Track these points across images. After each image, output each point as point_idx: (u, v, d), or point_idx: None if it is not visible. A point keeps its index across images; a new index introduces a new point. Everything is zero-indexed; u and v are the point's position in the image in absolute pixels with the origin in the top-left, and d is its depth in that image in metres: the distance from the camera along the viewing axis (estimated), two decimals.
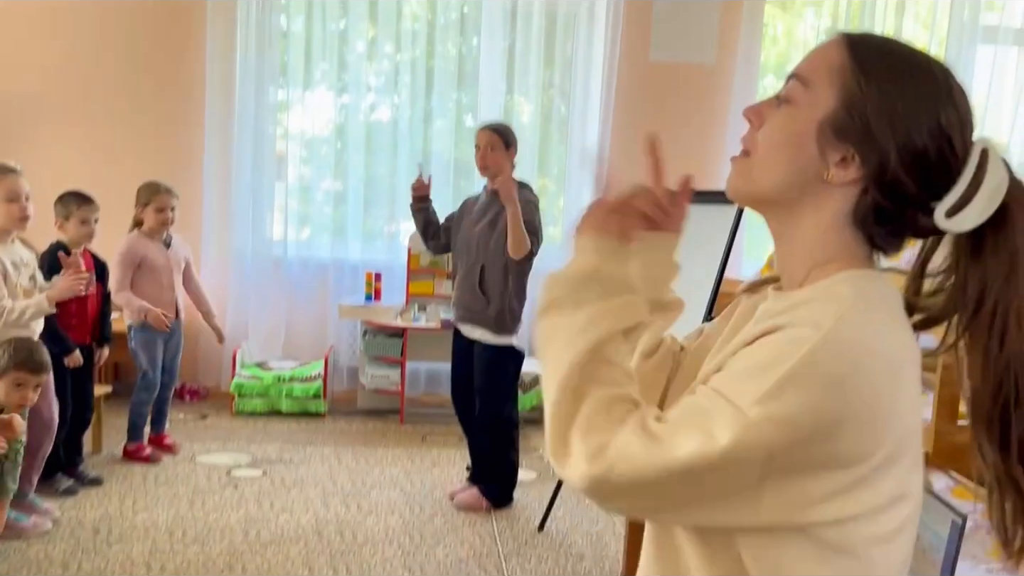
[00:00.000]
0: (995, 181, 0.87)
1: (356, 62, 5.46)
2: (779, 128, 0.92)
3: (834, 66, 0.89)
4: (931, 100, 0.87)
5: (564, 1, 5.52)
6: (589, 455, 0.82)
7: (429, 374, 5.52)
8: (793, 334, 0.82)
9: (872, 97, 0.87)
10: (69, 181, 4.02)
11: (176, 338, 4.37)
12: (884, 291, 0.89)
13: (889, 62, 0.88)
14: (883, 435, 0.82)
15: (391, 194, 5.56)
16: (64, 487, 3.75)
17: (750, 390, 0.80)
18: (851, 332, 0.81)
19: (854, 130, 0.88)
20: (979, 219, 0.86)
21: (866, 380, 0.80)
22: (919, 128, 0.86)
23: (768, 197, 0.94)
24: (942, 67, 0.90)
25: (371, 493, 3.98)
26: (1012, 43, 5.71)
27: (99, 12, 5.20)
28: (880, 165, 0.87)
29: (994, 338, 0.86)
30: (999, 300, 0.86)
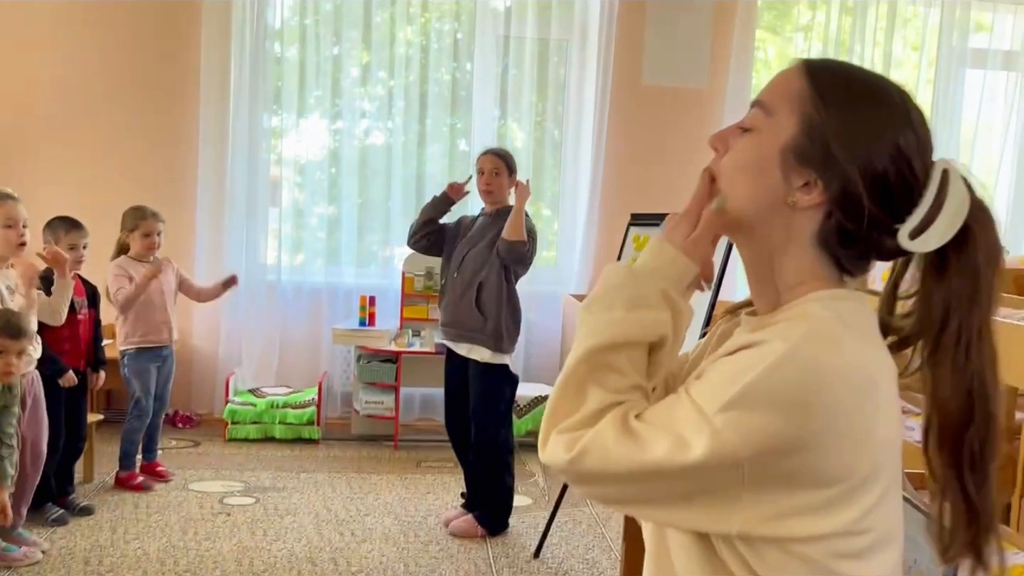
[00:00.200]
0: (957, 201, 0.88)
1: (350, 88, 5.48)
2: (742, 155, 0.94)
3: (794, 93, 0.92)
4: (889, 124, 0.89)
5: (557, 26, 5.56)
6: (568, 441, 0.87)
7: (424, 399, 5.49)
8: (763, 348, 0.84)
9: (831, 122, 0.89)
10: (61, 206, 4.02)
11: (168, 365, 4.35)
12: (856, 309, 0.90)
13: (847, 88, 0.91)
14: (859, 454, 0.83)
15: (385, 218, 5.56)
16: (54, 516, 3.71)
17: (716, 398, 0.82)
18: (818, 348, 0.83)
19: (815, 155, 0.90)
20: (942, 239, 0.88)
21: (834, 397, 0.81)
22: (879, 151, 0.88)
23: (735, 222, 0.95)
24: (900, 91, 0.92)
25: (365, 520, 3.95)
26: (1001, 67, 5.76)
27: (93, 38, 5.22)
28: (842, 189, 0.89)
29: (960, 354, 0.88)
30: (963, 318, 0.88)
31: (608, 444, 0.84)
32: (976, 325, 0.89)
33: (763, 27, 5.78)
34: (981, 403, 0.88)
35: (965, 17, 5.61)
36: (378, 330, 5.20)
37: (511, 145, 5.41)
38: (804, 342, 0.83)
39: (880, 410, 0.85)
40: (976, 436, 0.88)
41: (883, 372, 0.87)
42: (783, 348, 0.82)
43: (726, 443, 0.80)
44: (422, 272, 5.30)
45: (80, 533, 3.65)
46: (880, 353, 0.89)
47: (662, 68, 5.49)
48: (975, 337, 0.88)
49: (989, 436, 0.89)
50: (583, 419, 0.88)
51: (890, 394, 0.87)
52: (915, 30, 5.81)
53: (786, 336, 0.83)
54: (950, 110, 5.63)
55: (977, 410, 0.88)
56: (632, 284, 0.91)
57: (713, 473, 0.82)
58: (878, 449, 0.85)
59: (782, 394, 0.81)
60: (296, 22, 5.46)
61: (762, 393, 0.81)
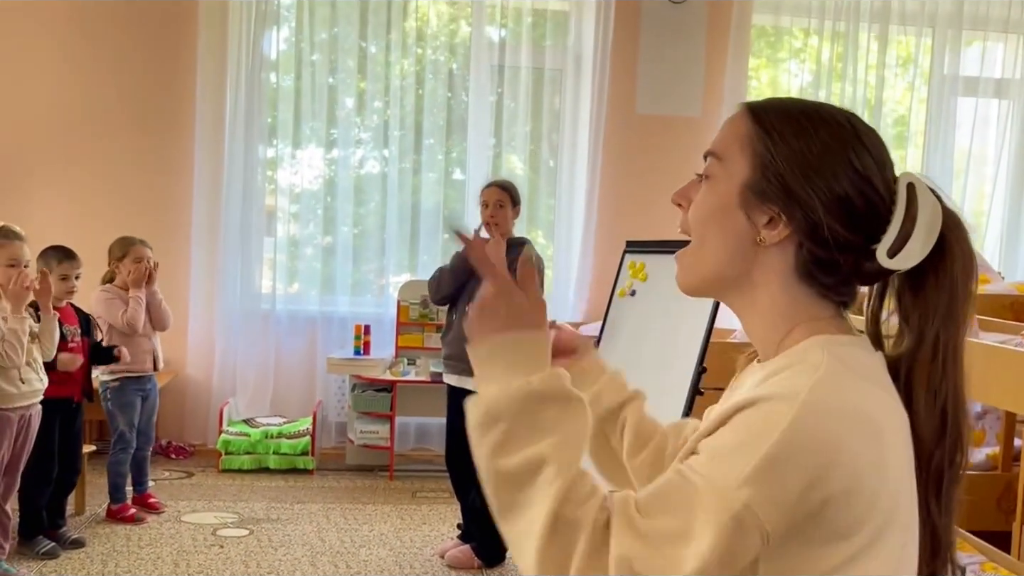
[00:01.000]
0: (928, 213, 0.87)
1: (345, 117, 5.50)
2: (704, 204, 0.94)
3: (742, 135, 0.92)
4: (841, 147, 0.89)
5: (551, 56, 5.60)
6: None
7: (419, 429, 5.46)
8: (769, 408, 0.80)
9: (782, 155, 0.89)
10: (56, 235, 4.01)
11: (152, 397, 4.29)
12: (857, 354, 0.87)
13: (792, 120, 0.91)
14: (875, 501, 0.79)
15: (380, 247, 5.56)
16: (44, 549, 3.66)
17: (735, 471, 0.77)
18: (828, 399, 0.80)
19: (772, 190, 0.90)
20: (922, 253, 0.87)
21: (850, 446, 0.78)
22: (835, 175, 0.88)
23: (715, 276, 0.95)
24: (845, 115, 0.92)
25: (360, 552, 3.90)
26: (992, 95, 5.81)
27: (88, 67, 5.24)
28: (805, 218, 0.88)
29: (936, 371, 0.86)
30: (940, 333, 0.87)
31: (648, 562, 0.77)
32: (952, 341, 0.87)
33: (756, 55, 5.83)
34: (954, 423, 0.86)
35: (956, 45, 5.66)
36: (373, 359, 5.17)
37: (506, 173, 5.42)
38: (813, 395, 0.79)
39: (890, 454, 0.81)
40: (944, 458, 0.86)
41: (888, 417, 0.83)
42: (795, 407, 0.78)
43: (755, 518, 0.76)
44: (417, 301, 5.29)
45: (71, 566, 3.60)
46: (886, 396, 0.85)
47: (656, 97, 5.53)
48: (951, 354, 0.87)
49: (956, 458, 0.87)
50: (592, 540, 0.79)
51: (898, 439, 0.84)
52: (907, 58, 5.87)
53: (794, 393, 0.80)
54: (942, 138, 5.67)
55: (949, 430, 0.86)
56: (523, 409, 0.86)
57: (741, 553, 0.77)
58: (893, 492, 0.81)
59: (806, 458, 0.77)
60: (292, 52, 5.48)
61: (786, 459, 0.77)
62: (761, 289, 0.92)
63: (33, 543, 3.67)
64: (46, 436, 3.63)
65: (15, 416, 3.36)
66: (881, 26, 5.60)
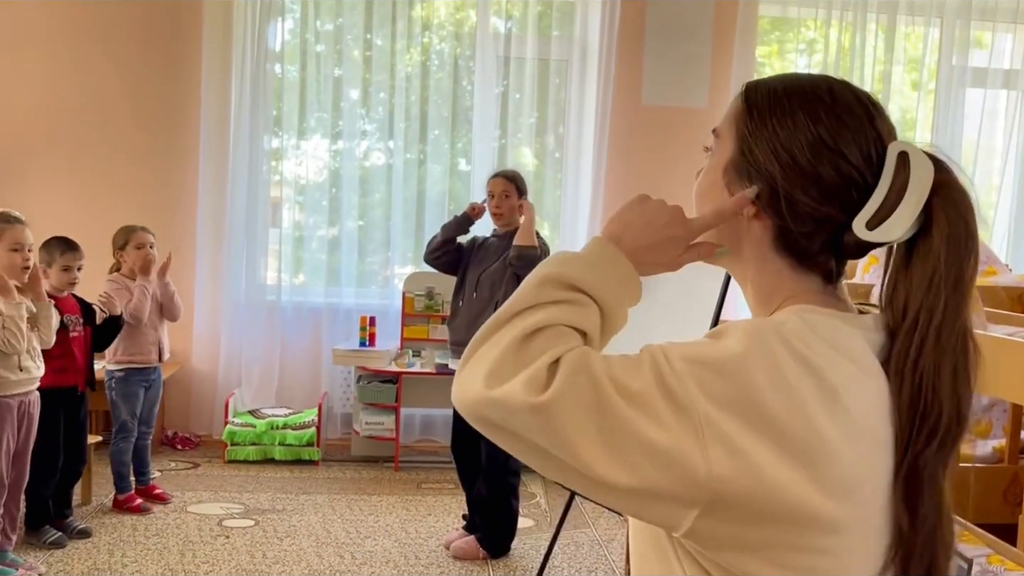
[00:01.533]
0: (920, 183, 0.84)
1: (351, 108, 5.49)
2: (700, 180, 0.99)
3: (732, 114, 0.95)
4: (813, 122, 0.88)
5: (557, 47, 5.58)
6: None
7: (424, 420, 5.46)
8: (727, 327, 0.84)
9: (756, 133, 0.91)
10: (60, 227, 4.01)
11: (156, 387, 4.31)
12: (834, 325, 0.85)
13: (772, 98, 0.92)
14: (807, 449, 0.77)
15: (386, 238, 5.56)
16: (51, 539, 3.68)
17: (679, 349, 0.82)
18: (786, 341, 0.81)
19: (746, 166, 0.91)
20: (906, 225, 0.84)
21: (785, 394, 0.78)
22: (801, 148, 0.87)
23: (711, 248, 0.97)
24: (830, 87, 0.91)
25: (365, 543, 3.91)
26: (1001, 86, 5.77)
27: (92, 59, 5.24)
28: (773, 193, 0.89)
29: (913, 348, 0.82)
30: (921, 307, 0.83)
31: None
32: (935, 318, 0.82)
33: (763, 45, 5.80)
34: (931, 409, 0.81)
35: (965, 36, 5.63)
36: (378, 350, 5.18)
37: (512, 165, 5.41)
38: (771, 333, 0.81)
39: (840, 424, 0.78)
40: (917, 448, 0.81)
41: (848, 384, 0.80)
42: (754, 331, 0.81)
43: (686, 388, 0.78)
44: (423, 292, 5.29)
45: (77, 556, 3.62)
46: (850, 366, 0.82)
47: (662, 88, 5.51)
48: (931, 331, 0.82)
49: (929, 448, 0.81)
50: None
51: (862, 413, 0.80)
52: (915, 49, 5.83)
53: (751, 331, 0.82)
54: (950, 129, 5.63)
55: (921, 415, 0.81)
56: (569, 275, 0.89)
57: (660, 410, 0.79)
58: (836, 468, 0.78)
59: (733, 388, 0.78)
60: (297, 43, 5.48)
61: (724, 370, 0.79)
62: (750, 262, 0.95)
63: (40, 533, 3.69)
64: (51, 426, 3.65)
65: (14, 403, 3.38)
66: (889, 16, 5.57)
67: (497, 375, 0.83)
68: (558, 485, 4.48)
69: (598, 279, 0.89)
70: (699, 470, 0.77)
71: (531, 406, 0.80)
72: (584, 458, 0.79)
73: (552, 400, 0.79)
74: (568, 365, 0.81)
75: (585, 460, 0.79)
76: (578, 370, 0.81)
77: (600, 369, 0.81)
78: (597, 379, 0.80)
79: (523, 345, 0.84)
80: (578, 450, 0.79)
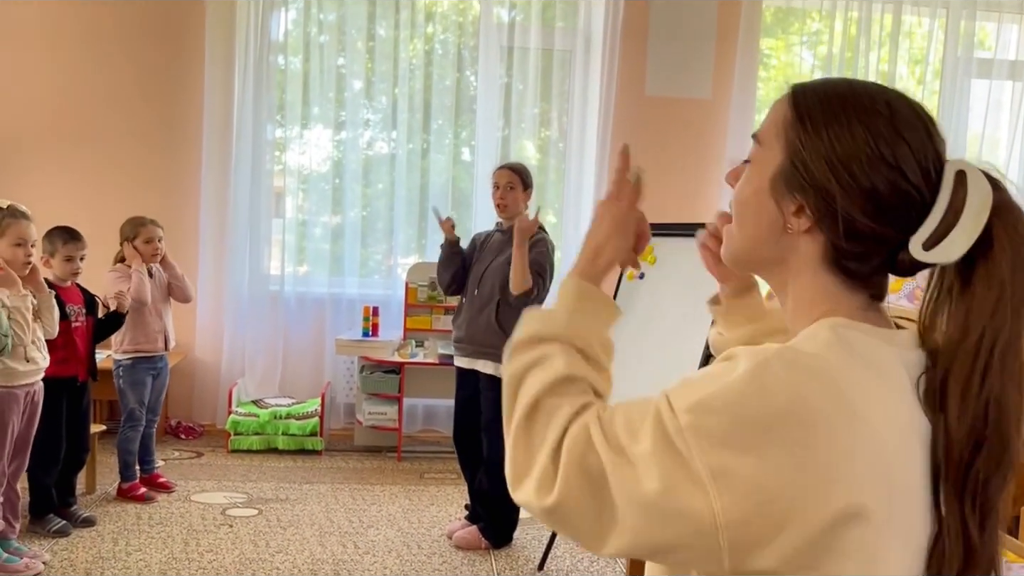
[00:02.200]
0: (977, 203, 0.82)
1: (354, 98, 5.48)
2: (741, 188, 0.95)
3: (780, 121, 0.91)
4: (873, 137, 0.85)
5: (560, 37, 5.56)
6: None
7: (427, 410, 5.47)
8: (739, 352, 0.82)
9: (810, 145, 0.87)
10: (63, 217, 4.02)
11: (163, 375, 4.33)
12: (870, 343, 0.84)
13: (826, 107, 0.88)
14: (822, 491, 0.76)
15: (389, 229, 5.56)
16: (55, 527, 3.70)
17: (685, 398, 0.80)
18: (788, 368, 0.78)
19: (799, 180, 0.88)
20: (964, 246, 0.82)
21: (797, 422, 0.76)
22: (862, 167, 0.84)
23: (747, 256, 0.96)
24: (888, 100, 0.87)
25: (368, 532, 3.93)
26: (1006, 77, 5.75)
27: (96, 49, 5.24)
28: (829, 209, 0.86)
29: (976, 374, 0.80)
30: (985, 333, 0.81)
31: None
32: (1000, 343, 0.80)
33: (768, 37, 5.78)
34: (995, 431, 0.79)
35: (970, 27, 5.60)
36: (381, 341, 5.19)
37: (515, 155, 5.41)
38: (773, 361, 0.78)
39: (854, 445, 0.76)
40: (983, 469, 0.80)
41: (875, 408, 0.78)
42: (761, 357, 0.79)
43: (687, 444, 0.78)
44: (425, 283, 5.29)
45: (82, 544, 3.64)
46: (882, 389, 0.80)
47: (666, 79, 5.49)
48: (996, 357, 0.80)
49: (999, 471, 0.80)
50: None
51: (879, 435, 0.78)
52: (920, 40, 5.81)
53: (756, 353, 0.80)
54: (956, 120, 5.62)
55: (989, 439, 0.79)
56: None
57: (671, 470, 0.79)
58: (854, 488, 0.76)
59: (739, 415, 0.77)
60: (300, 34, 5.47)
61: (720, 407, 0.78)
62: (792, 274, 0.92)
63: (44, 521, 3.70)
64: (53, 415, 3.66)
65: (21, 393, 3.40)
66: (895, 6, 5.55)
67: (517, 476, 0.88)
68: None
69: (551, 319, 0.94)
70: (705, 520, 0.77)
71: (544, 511, 0.84)
72: (605, 545, 0.82)
73: (559, 502, 0.83)
74: (568, 453, 0.83)
75: (607, 547, 0.82)
76: (580, 455, 0.82)
77: (599, 440, 0.82)
78: (598, 457, 0.82)
79: (526, 435, 0.88)
80: (598, 538, 0.82)
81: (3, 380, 3.33)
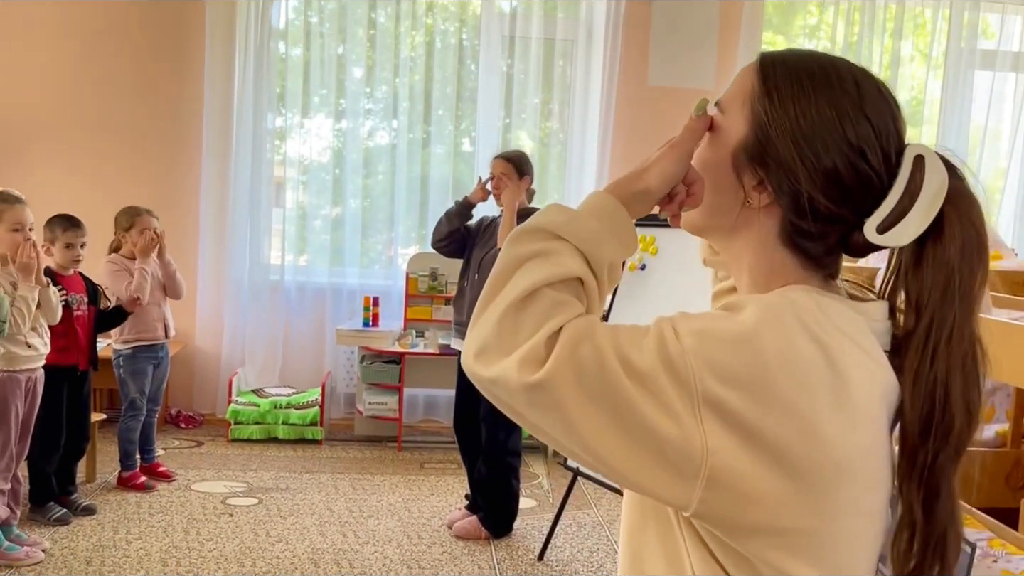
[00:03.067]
0: (933, 188, 0.83)
1: (354, 88, 5.46)
2: (702, 158, 0.92)
3: (746, 91, 0.90)
4: (838, 116, 0.84)
5: (562, 27, 5.54)
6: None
7: (427, 400, 5.48)
8: (741, 301, 0.83)
9: (776, 119, 0.86)
10: (63, 206, 4.01)
11: (164, 364, 4.33)
12: (839, 308, 0.84)
13: (795, 82, 0.87)
14: (808, 444, 0.77)
15: (389, 219, 5.55)
16: (56, 516, 3.70)
17: (687, 324, 0.80)
18: (796, 319, 0.80)
19: (762, 154, 0.87)
20: (916, 231, 0.83)
21: (795, 358, 0.77)
22: (825, 146, 0.84)
23: (703, 223, 0.94)
24: (856, 78, 0.87)
25: (368, 522, 3.93)
26: (1010, 68, 5.73)
27: (96, 37, 5.21)
28: (791, 187, 0.85)
29: (926, 356, 0.82)
30: (935, 316, 0.82)
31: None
32: (947, 326, 0.82)
33: (770, 28, 5.75)
34: (943, 414, 0.81)
35: (974, 18, 5.58)
36: (382, 331, 5.18)
37: (516, 146, 5.39)
38: (777, 309, 0.80)
39: (844, 410, 0.78)
40: (931, 450, 0.81)
41: (855, 367, 0.80)
42: (753, 311, 0.80)
43: (690, 366, 0.77)
44: (426, 273, 5.29)
45: (82, 533, 3.64)
46: (856, 350, 0.81)
47: (668, 69, 5.47)
48: (943, 339, 0.82)
49: (948, 454, 0.82)
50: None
51: (861, 394, 0.80)
52: (923, 31, 5.78)
53: (767, 305, 0.81)
54: (958, 112, 5.60)
55: (936, 422, 0.81)
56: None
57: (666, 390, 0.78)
58: (834, 453, 0.78)
59: (738, 355, 0.77)
60: (300, 22, 5.45)
61: (723, 342, 0.78)
62: (745, 244, 0.91)
63: (45, 510, 3.71)
64: (54, 403, 3.67)
65: (23, 378, 3.41)
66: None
67: (491, 351, 0.81)
68: (560, 466, 4.50)
69: (572, 220, 0.85)
70: (695, 445, 0.76)
71: (527, 385, 0.78)
72: (585, 437, 0.78)
73: (549, 376, 0.78)
74: (569, 336, 0.79)
75: (586, 439, 0.78)
76: (580, 340, 0.78)
77: (605, 340, 0.79)
78: (602, 351, 0.78)
79: (514, 316, 0.81)
80: (579, 429, 0.78)
81: (5, 364, 3.33)
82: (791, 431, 0.77)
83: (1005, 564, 2.15)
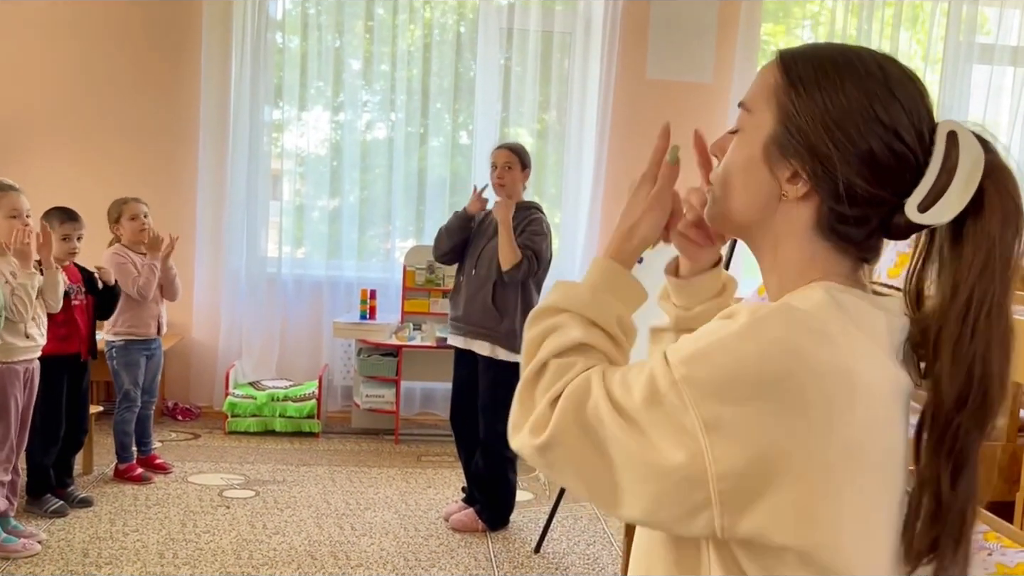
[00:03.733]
0: (969, 164, 0.83)
1: (352, 80, 5.45)
2: (731, 157, 0.93)
3: (770, 87, 0.90)
4: (867, 98, 0.85)
5: (560, 19, 5.52)
6: None
7: (424, 393, 5.48)
8: (739, 309, 0.83)
9: (804, 109, 0.86)
10: (60, 198, 4.00)
11: (157, 357, 4.32)
12: (860, 306, 0.85)
13: (818, 71, 0.87)
14: (811, 447, 0.77)
15: (387, 212, 5.54)
16: (53, 508, 3.70)
17: (680, 351, 0.82)
18: (788, 327, 0.79)
19: (794, 145, 0.87)
20: (958, 207, 0.83)
21: (793, 381, 0.77)
22: (858, 129, 0.84)
23: (735, 222, 0.94)
24: (879, 61, 0.88)
25: (365, 514, 3.93)
26: (1008, 63, 5.72)
27: (93, 30, 5.20)
28: (827, 174, 0.85)
29: (965, 333, 0.82)
30: (974, 291, 0.82)
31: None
32: (987, 300, 0.81)
33: (769, 21, 5.74)
34: (979, 388, 0.81)
35: (972, 12, 5.57)
36: (379, 324, 5.18)
37: (513, 139, 5.38)
38: (772, 318, 0.79)
39: (855, 412, 0.78)
40: (964, 423, 0.81)
41: (868, 369, 0.80)
42: (744, 321, 0.79)
43: (681, 395, 0.79)
44: (423, 266, 5.28)
45: (79, 525, 3.64)
46: (873, 348, 0.82)
47: (666, 62, 5.46)
48: (983, 314, 0.81)
49: (978, 426, 0.82)
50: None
51: (873, 394, 0.80)
52: (922, 25, 5.78)
53: (755, 310, 0.80)
54: (957, 106, 5.59)
55: (973, 395, 0.81)
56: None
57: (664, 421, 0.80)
58: (840, 454, 0.78)
59: (735, 368, 0.78)
60: (298, 13, 5.43)
61: (717, 359, 0.79)
62: (782, 239, 0.91)
63: (41, 502, 3.71)
64: (54, 394, 3.67)
65: (21, 369, 3.40)
66: None
67: (515, 425, 0.89)
68: None
69: (572, 291, 0.93)
70: (696, 469, 0.78)
71: (535, 449, 0.85)
72: (600, 488, 0.83)
73: (552, 437, 0.84)
74: (567, 396, 0.84)
75: (601, 490, 0.83)
76: (579, 397, 0.84)
77: (600, 391, 0.83)
78: (597, 403, 0.82)
79: (530, 389, 0.89)
80: (591, 480, 0.83)
81: (3, 356, 3.33)
82: (792, 432, 0.77)
83: (1000, 557, 2.16)
